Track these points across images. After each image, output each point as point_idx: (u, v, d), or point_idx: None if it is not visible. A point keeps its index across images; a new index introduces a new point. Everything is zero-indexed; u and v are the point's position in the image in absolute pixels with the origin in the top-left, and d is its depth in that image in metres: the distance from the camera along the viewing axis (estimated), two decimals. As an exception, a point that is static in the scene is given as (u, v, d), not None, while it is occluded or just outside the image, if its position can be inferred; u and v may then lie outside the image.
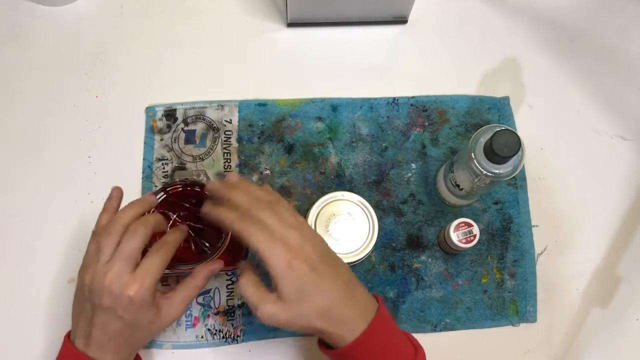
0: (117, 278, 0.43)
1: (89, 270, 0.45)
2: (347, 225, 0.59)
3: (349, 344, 0.44)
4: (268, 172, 0.64)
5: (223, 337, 0.59)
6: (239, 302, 0.60)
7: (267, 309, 0.44)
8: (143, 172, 0.64)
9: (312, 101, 0.66)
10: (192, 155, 0.64)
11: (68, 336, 0.48)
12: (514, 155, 0.50)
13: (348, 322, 0.45)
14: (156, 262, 0.45)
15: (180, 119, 0.65)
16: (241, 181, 0.48)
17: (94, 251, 0.46)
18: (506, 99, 0.68)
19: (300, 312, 0.44)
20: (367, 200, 0.63)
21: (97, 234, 0.46)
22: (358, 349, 0.45)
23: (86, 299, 0.45)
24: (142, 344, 0.50)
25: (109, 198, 0.49)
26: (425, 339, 0.48)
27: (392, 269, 0.61)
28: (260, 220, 0.45)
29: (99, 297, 0.44)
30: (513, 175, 0.52)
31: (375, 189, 0.64)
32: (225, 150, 0.64)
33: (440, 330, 0.60)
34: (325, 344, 0.47)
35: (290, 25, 0.70)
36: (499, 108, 0.67)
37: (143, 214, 0.48)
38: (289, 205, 0.48)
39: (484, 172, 0.52)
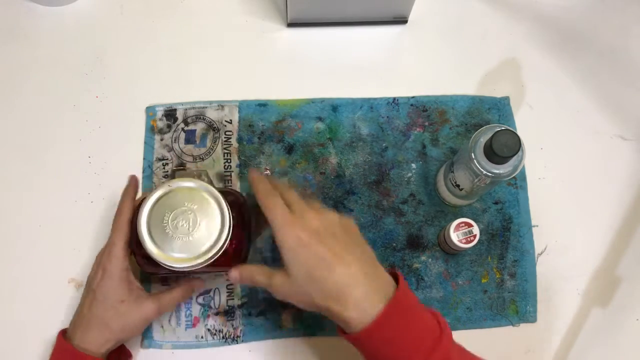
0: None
1: None
2: (191, 219, 0.48)
3: (364, 329, 0.43)
4: (268, 172, 0.64)
5: (223, 337, 0.59)
6: (239, 302, 0.60)
7: (276, 280, 0.46)
8: (143, 172, 0.64)
9: (312, 101, 0.66)
10: (193, 155, 0.64)
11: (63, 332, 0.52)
12: (514, 155, 0.50)
13: (361, 304, 0.43)
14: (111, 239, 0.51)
15: (180, 119, 0.65)
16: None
17: None
18: (506, 99, 0.68)
19: (305, 289, 0.45)
20: (366, 200, 0.63)
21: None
22: (374, 333, 0.43)
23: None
24: (122, 325, 0.51)
25: (128, 185, 0.53)
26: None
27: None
28: (285, 198, 0.48)
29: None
30: (513, 175, 0.52)
31: (375, 189, 0.64)
32: (226, 151, 0.64)
33: (440, 330, 0.60)
34: (342, 329, 0.46)
35: (290, 25, 0.70)
36: (499, 108, 0.67)
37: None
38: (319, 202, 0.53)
39: (484, 172, 0.52)
